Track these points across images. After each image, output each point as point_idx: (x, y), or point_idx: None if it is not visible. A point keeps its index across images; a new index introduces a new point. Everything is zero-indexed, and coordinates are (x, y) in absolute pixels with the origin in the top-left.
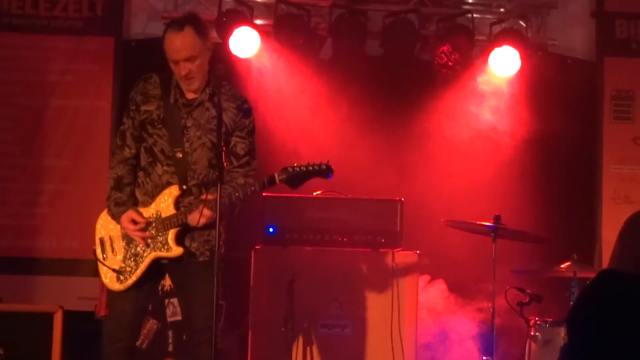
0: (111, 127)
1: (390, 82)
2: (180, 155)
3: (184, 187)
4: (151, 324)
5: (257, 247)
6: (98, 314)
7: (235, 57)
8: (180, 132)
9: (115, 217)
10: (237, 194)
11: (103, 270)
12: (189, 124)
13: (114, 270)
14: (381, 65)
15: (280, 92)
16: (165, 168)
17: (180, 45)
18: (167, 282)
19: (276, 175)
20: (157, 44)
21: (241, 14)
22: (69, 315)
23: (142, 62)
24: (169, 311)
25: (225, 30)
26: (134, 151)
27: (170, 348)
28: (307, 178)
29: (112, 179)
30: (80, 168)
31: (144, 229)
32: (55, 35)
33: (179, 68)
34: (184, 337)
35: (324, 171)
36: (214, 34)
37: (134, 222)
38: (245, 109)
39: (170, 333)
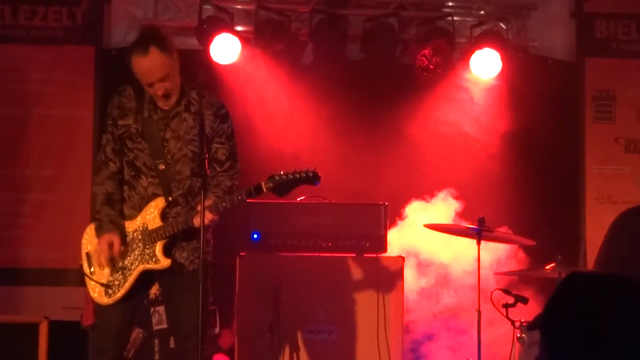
0: (93, 136)
1: (371, 86)
2: (163, 167)
3: (170, 198)
4: (137, 333)
5: (241, 253)
6: (84, 324)
7: (216, 63)
8: (160, 144)
9: (99, 233)
10: (224, 204)
11: (91, 284)
12: (167, 135)
13: (101, 284)
14: (362, 70)
15: (262, 98)
16: (150, 180)
17: (149, 68)
18: (153, 290)
19: (263, 183)
20: None
21: (221, 21)
22: (54, 325)
23: (123, 70)
24: (154, 320)
25: (205, 37)
26: (118, 164)
27: (157, 357)
28: (294, 186)
29: (103, 195)
30: (62, 177)
31: (130, 244)
32: (35, 45)
33: (154, 89)
34: (171, 345)
35: (311, 178)
36: (194, 42)
37: (111, 247)
38: (222, 115)
39: (156, 341)
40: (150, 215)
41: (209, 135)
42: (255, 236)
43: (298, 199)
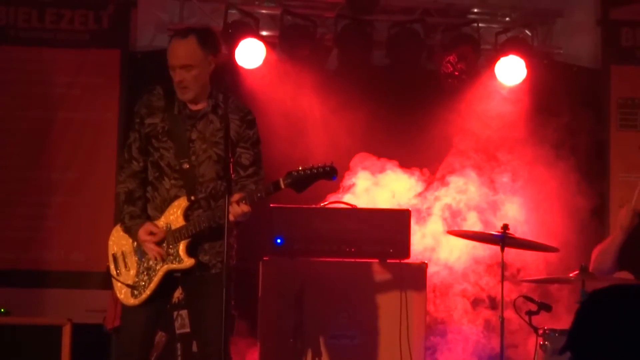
0: (118, 140)
1: (396, 92)
2: (187, 167)
3: (192, 197)
4: (159, 337)
5: (265, 258)
6: (107, 327)
7: (242, 68)
8: (186, 144)
9: (131, 230)
10: (259, 194)
11: (117, 286)
12: (194, 136)
13: (127, 285)
14: (387, 76)
15: (286, 103)
16: (172, 182)
17: (180, 52)
18: (176, 294)
19: (281, 180)
20: (163, 56)
21: (247, 26)
22: (77, 328)
23: (148, 74)
24: (177, 323)
25: (231, 42)
26: (142, 164)
27: None
28: (312, 181)
29: (124, 193)
30: (87, 180)
31: (159, 243)
32: (61, 48)
33: (174, 74)
34: (193, 349)
35: (328, 172)
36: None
37: (152, 233)
38: (248, 120)
39: (178, 345)
40: (174, 215)
41: (234, 140)
42: (278, 241)
43: (322, 204)
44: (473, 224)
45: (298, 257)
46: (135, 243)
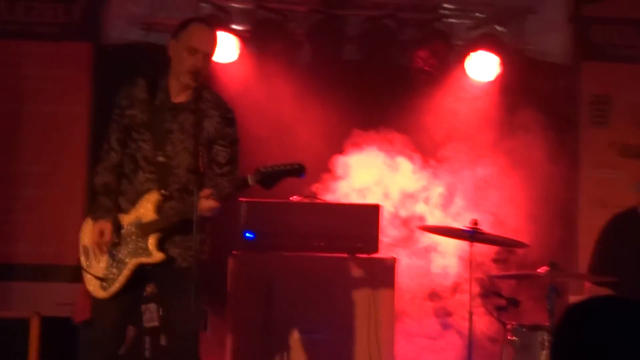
0: (88, 133)
1: (368, 86)
2: (163, 159)
3: (163, 191)
4: (128, 330)
5: (234, 252)
6: (75, 320)
7: (213, 62)
8: (164, 136)
9: (94, 220)
10: (225, 190)
11: (87, 277)
12: (174, 127)
13: (97, 277)
14: (359, 70)
15: (258, 97)
16: (147, 175)
17: (208, 38)
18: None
19: (249, 177)
20: (135, 49)
21: (219, 19)
22: (46, 322)
23: (119, 67)
24: (145, 317)
25: None
26: (119, 156)
27: (147, 354)
28: (280, 178)
29: (100, 185)
30: (56, 173)
31: (126, 237)
32: (32, 40)
33: (195, 58)
34: (161, 342)
35: (297, 170)
36: None
37: (102, 235)
38: (229, 118)
39: (147, 339)
40: (144, 209)
41: (211, 135)
42: (248, 235)
43: (291, 198)
44: (437, 221)
45: (267, 251)
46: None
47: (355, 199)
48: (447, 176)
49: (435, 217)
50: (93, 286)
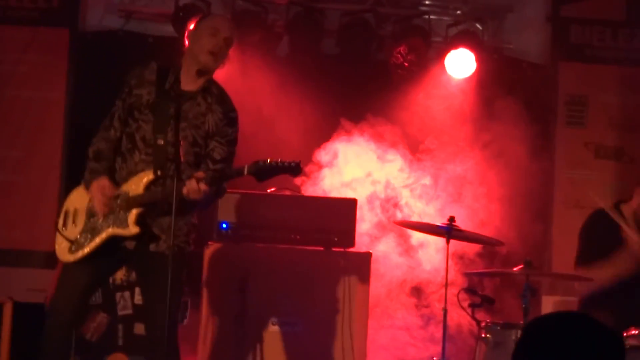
0: (64, 119)
1: (345, 80)
2: (162, 143)
3: (159, 172)
4: (101, 318)
5: (209, 242)
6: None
7: None
8: (166, 120)
9: (87, 185)
10: (215, 176)
11: (58, 240)
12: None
13: (68, 240)
14: (337, 64)
15: (236, 88)
16: (142, 157)
17: (229, 26)
18: (119, 275)
19: (246, 167)
20: (113, 36)
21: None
22: (17, 307)
23: (97, 54)
24: (119, 305)
25: (182, 26)
26: (118, 134)
27: (120, 342)
28: (275, 173)
29: (92, 152)
30: (31, 159)
31: (110, 203)
32: (9, 25)
33: (214, 39)
34: (135, 330)
35: (294, 169)
36: (170, 29)
37: (103, 189)
38: (231, 117)
39: (120, 327)
40: (135, 185)
41: (210, 130)
42: (224, 226)
43: (268, 190)
44: (416, 215)
45: (243, 242)
46: (90, 203)
47: (334, 192)
48: (423, 172)
49: (413, 212)
50: (62, 248)
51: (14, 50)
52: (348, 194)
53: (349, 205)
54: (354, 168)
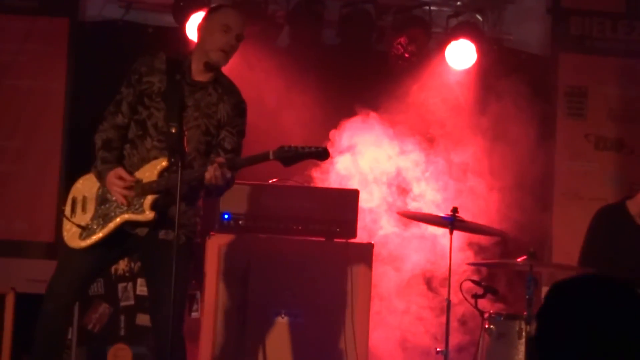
0: (64, 109)
1: (346, 71)
2: (175, 130)
3: (173, 159)
4: (104, 308)
5: (211, 233)
6: None
7: (192, 42)
8: (178, 109)
9: (102, 175)
10: (239, 163)
11: (67, 226)
12: (189, 103)
13: (79, 226)
14: (337, 55)
15: (236, 78)
16: (155, 143)
17: (241, 22)
18: (121, 266)
19: (271, 152)
20: (113, 26)
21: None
22: (18, 298)
23: (97, 44)
24: (121, 296)
25: (182, 15)
26: (126, 120)
27: (122, 332)
28: (302, 158)
29: (101, 140)
30: (31, 149)
31: (129, 189)
32: (8, 14)
33: (226, 36)
34: (137, 321)
35: (321, 154)
36: (170, 19)
37: (121, 179)
38: (241, 108)
39: (122, 317)
40: (149, 172)
41: (222, 121)
42: (225, 216)
43: (270, 181)
44: (420, 207)
45: (245, 233)
46: (100, 190)
47: (336, 183)
48: (424, 163)
49: (417, 203)
50: (72, 234)
51: (13, 39)
52: (353, 184)
53: (351, 196)
54: (361, 158)
